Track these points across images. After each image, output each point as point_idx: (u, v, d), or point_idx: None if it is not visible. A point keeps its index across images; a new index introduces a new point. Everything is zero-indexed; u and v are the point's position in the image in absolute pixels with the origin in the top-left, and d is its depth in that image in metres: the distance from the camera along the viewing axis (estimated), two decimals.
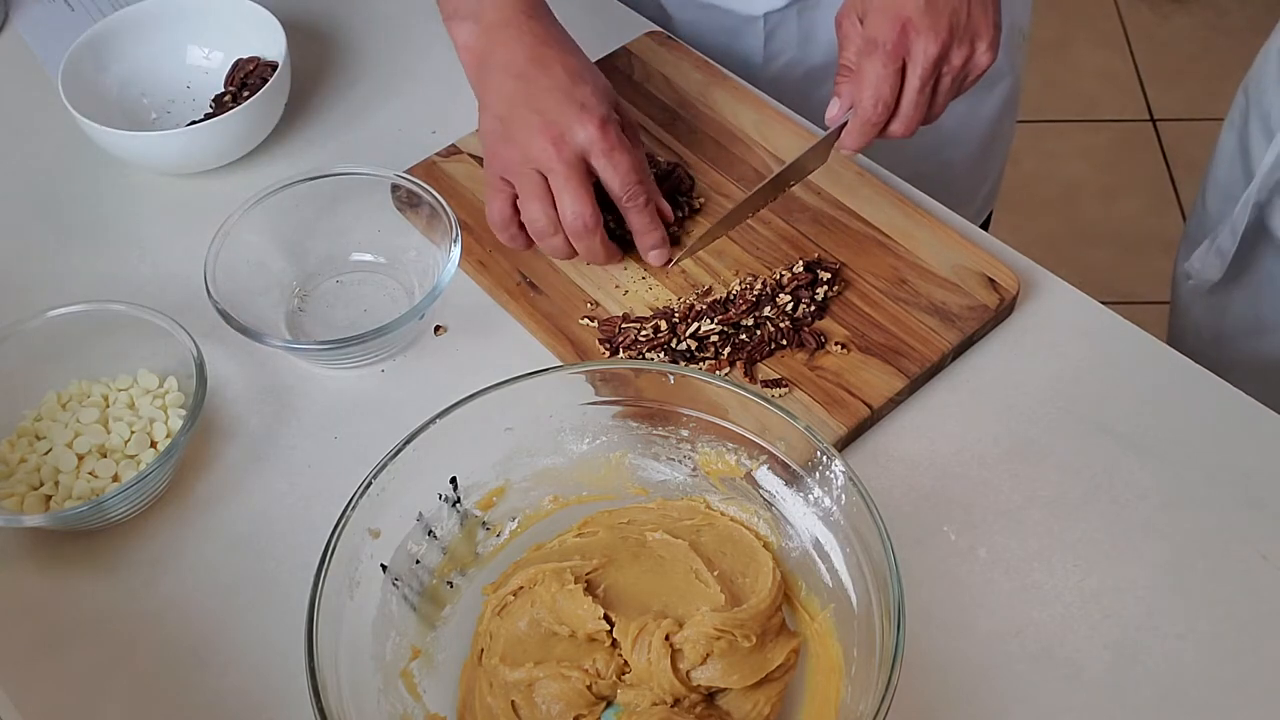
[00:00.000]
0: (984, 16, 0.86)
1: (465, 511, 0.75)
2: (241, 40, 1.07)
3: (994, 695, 0.72)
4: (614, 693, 0.70)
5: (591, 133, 0.86)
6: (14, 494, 0.80)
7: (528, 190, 0.87)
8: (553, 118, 0.86)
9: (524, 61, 0.89)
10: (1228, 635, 0.74)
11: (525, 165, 0.87)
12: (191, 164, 1.02)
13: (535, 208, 0.87)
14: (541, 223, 0.88)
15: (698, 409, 0.74)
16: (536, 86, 0.88)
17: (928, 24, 0.84)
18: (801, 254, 0.91)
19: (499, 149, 0.89)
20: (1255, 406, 0.84)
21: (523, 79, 0.88)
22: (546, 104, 0.87)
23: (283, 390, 0.89)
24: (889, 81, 0.86)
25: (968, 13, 0.85)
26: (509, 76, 0.89)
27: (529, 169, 0.87)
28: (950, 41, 0.85)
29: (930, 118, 0.89)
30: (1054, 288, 0.91)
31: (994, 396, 0.85)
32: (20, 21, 1.18)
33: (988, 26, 0.86)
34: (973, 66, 0.87)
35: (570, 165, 0.86)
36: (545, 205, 0.87)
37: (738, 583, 0.72)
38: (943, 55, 0.85)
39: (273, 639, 0.76)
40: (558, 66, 0.89)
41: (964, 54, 0.86)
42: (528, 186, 0.87)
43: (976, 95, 1.20)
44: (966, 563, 0.77)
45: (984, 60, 0.87)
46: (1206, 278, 1.09)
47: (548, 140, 0.86)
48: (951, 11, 0.85)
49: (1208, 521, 0.78)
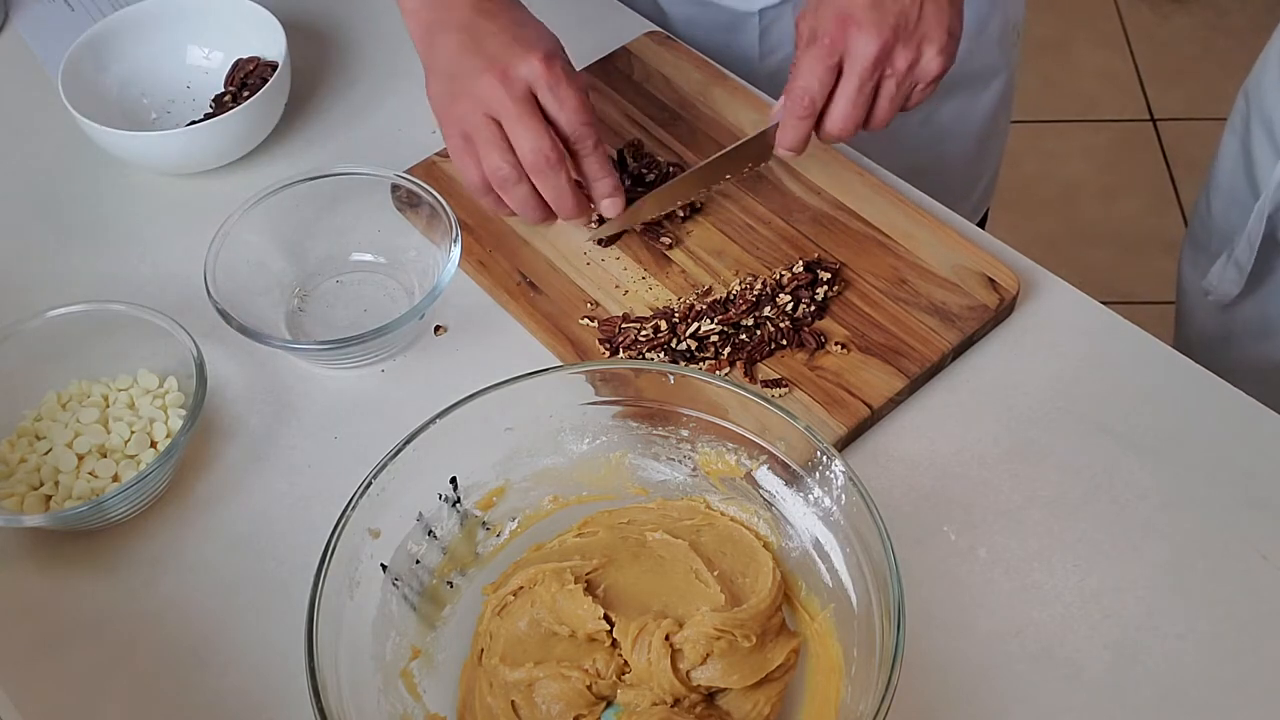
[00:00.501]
0: (937, 21, 0.84)
1: (465, 511, 0.75)
2: (241, 40, 1.07)
3: (994, 695, 0.72)
4: (614, 693, 0.70)
5: (536, 66, 0.84)
6: (14, 494, 0.80)
7: (485, 139, 0.85)
8: (497, 56, 0.84)
9: (470, 14, 0.87)
10: (1228, 635, 0.74)
11: (477, 113, 0.85)
12: (191, 164, 1.02)
13: (495, 156, 0.85)
14: (504, 170, 0.85)
15: (698, 409, 0.74)
16: (481, 33, 0.86)
17: (870, 20, 0.82)
18: (801, 254, 0.91)
19: (450, 107, 0.86)
20: (1255, 406, 0.84)
21: (467, 31, 0.86)
22: (492, 48, 0.85)
23: (283, 390, 0.89)
24: (819, 76, 0.84)
25: (919, 15, 0.83)
26: (454, 32, 0.87)
27: (480, 116, 0.85)
28: (894, 42, 0.83)
29: (875, 123, 0.88)
30: (1054, 288, 0.91)
31: (994, 396, 0.85)
32: (20, 21, 1.18)
33: (940, 32, 0.84)
34: (921, 72, 0.85)
35: (520, 101, 0.84)
36: (504, 151, 0.85)
37: (738, 583, 0.72)
38: (883, 55, 0.83)
39: (273, 639, 0.76)
40: (503, 16, 0.87)
41: (909, 57, 0.84)
42: (484, 135, 0.85)
43: (971, 91, 1.20)
44: (966, 563, 0.77)
45: (933, 66, 0.85)
46: (1226, 292, 1.08)
47: (494, 78, 0.83)
48: (899, 12, 0.83)
49: (1208, 521, 0.78)
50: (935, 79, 0.86)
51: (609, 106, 1.04)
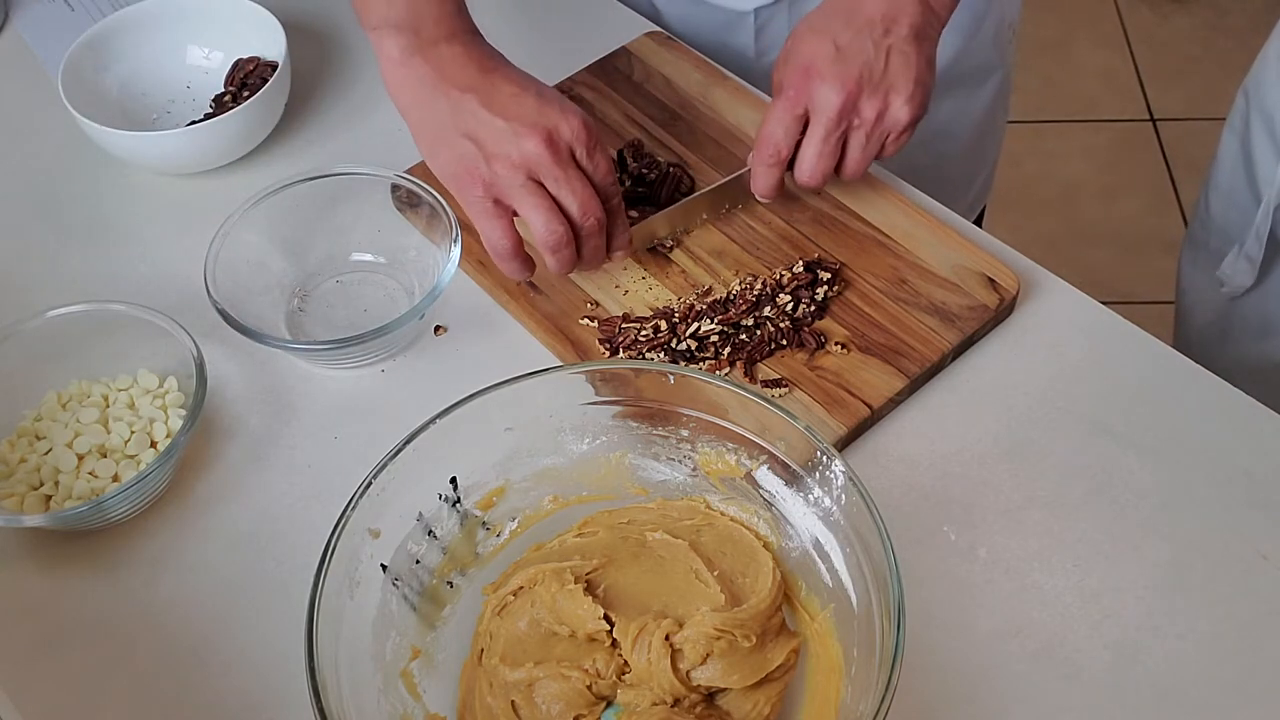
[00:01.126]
0: (904, 71, 0.85)
1: (465, 511, 0.75)
2: (241, 40, 1.07)
3: (994, 695, 0.72)
4: (614, 693, 0.70)
5: (578, 129, 0.82)
6: (14, 494, 0.80)
7: (530, 203, 0.82)
8: (536, 119, 0.81)
9: (475, 74, 0.83)
10: (1228, 635, 0.74)
11: (517, 174, 0.81)
12: (191, 164, 1.02)
13: (547, 218, 0.82)
14: (561, 232, 0.82)
15: (698, 409, 0.74)
16: (501, 95, 0.82)
17: (833, 72, 0.84)
18: (801, 254, 0.91)
19: (477, 168, 0.82)
20: (1255, 406, 0.84)
21: (480, 91, 0.82)
22: (523, 109, 0.81)
23: (283, 390, 0.89)
24: (783, 125, 0.86)
25: (885, 66, 0.84)
26: (462, 91, 0.82)
27: (523, 179, 0.81)
28: (858, 93, 0.84)
29: (847, 172, 0.89)
30: (1054, 288, 0.91)
31: (994, 396, 0.85)
32: (20, 21, 1.18)
33: (906, 82, 0.85)
34: (890, 122, 0.86)
35: (567, 164, 0.82)
36: (555, 213, 0.82)
37: (738, 583, 0.72)
38: (848, 106, 0.84)
39: (273, 639, 0.76)
40: (513, 76, 0.84)
41: (876, 107, 0.85)
42: (529, 199, 0.81)
43: (967, 89, 1.20)
44: (966, 563, 0.77)
45: (902, 115, 0.86)
46: (1239, 283, 1.08)
47: (539, 141, 0.80)
48: (863, 64, 0.84)
49: (1208, 521, 0.78)
50: (906, 128, 0.87)
51: (609, 106, 1.04)
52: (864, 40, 0.84)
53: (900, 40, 0.85)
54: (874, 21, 0.85)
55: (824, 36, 0.85)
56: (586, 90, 1.05)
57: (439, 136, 0.83)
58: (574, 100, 1.03)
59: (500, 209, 0.83)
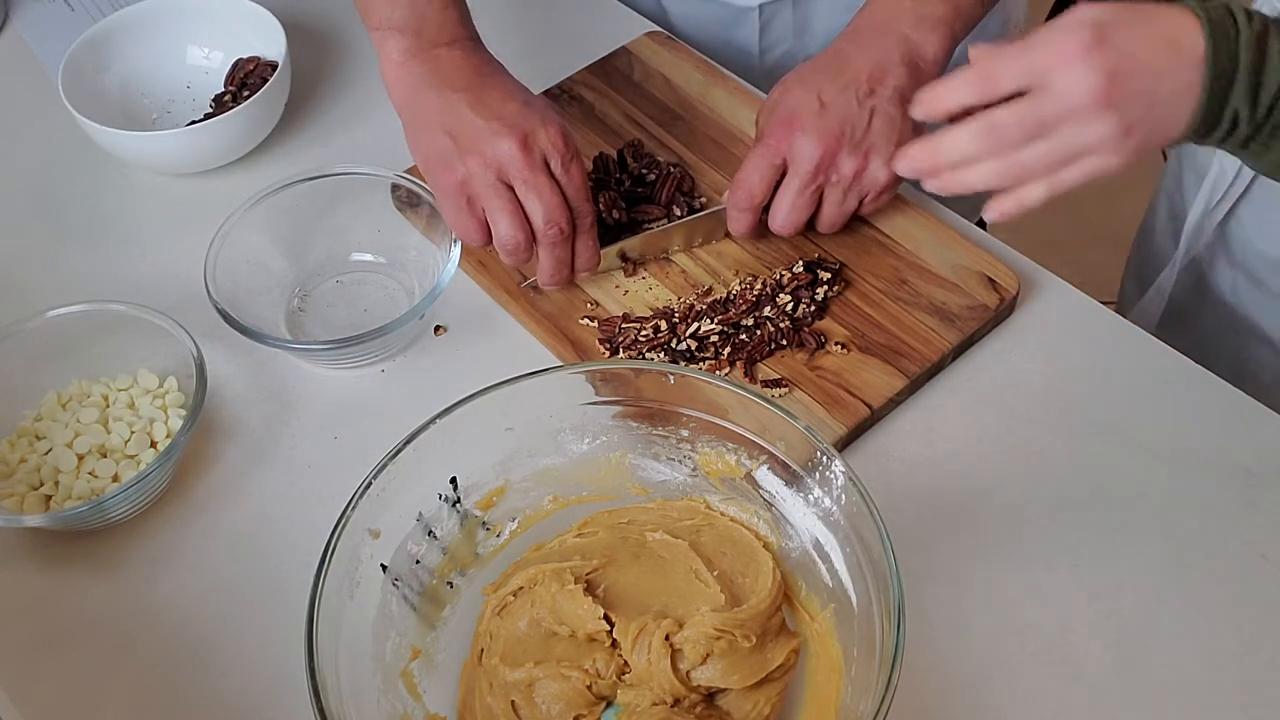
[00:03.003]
0: (887, 133, 0.85)
1: (465, 511, 0.75)
2: (241, 40, 1.07)
3: (994, 695, 0.72)
4: (614, 693, 0.70)
5: (555, 138, 0.83)
6: (14, 494, 0.80)
7: (496, 205, 0.83)
8: (515, 122, 0.83)
9: (470, 77, 0.86)
10: (1228, 635, 0.74)
11: (488, 173, 0.83)
12: (191, 164, 1.02)
13: (508, 224, 0.83)
14: (518, 240, 0.84)
15: (698, 409, 0.74)
16: (489, 97, 0.84)
17: (814, 126, 0.84)
18: (801, 254, 0.91)
19: (453, 164, 0.84)
20: (1255, 406, 0.84)
21: (470, 92, 0.85)
22: (505, 111, 0.83)
23: (283, 390, 0.89)
24: (760, 172, 0.86)
25: (867, 125, 0.84)
26: (453, 91, 0.85)
27: (492, 177, 0.83)
28: (837, 149, 0.84)
29: (821, 225, 0.89)
30: (1054, 288, 0.91)
31: (994, 396, 0.85)
32: (20, 21, 1.18)
33: (888, 144, 0.85)
34: (868, 181, 0.86)
35: (538, 170, 0.83)
36: (518, 219, 0.84)
37: (738, 583, 0.72)
38: (826, 161, 0.85)
39: (273, 639, 0.76)
40: (508, 82, 0.87)
41: (855, 165, 0.85)
42: (496, 200, 0.83)
43: None
44: (966, 563, 0.77)
45: (881, 176, 0.86)
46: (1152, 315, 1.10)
47: (515, 143, 0.82)
48: (846, 120, 0.84)
49: (1208, 521, 0.78)
50: (885, 188, 0.87)
51: (609, 106, 1.04)
52: (849, 97, 0.85)
53: (884, 101, 0.85)
54: (860, 80, 0.85)
55: (810, 89, 0.86)
56: (586, 90, 1.05)
57: (423, 130, 0.86)
58: (574, 100, 1.03)
59: (472, 206, 0.85)
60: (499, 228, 0.84)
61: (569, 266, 0.87)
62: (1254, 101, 0.62)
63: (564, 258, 0.86)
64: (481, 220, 0.85)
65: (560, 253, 0.86)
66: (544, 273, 0.87)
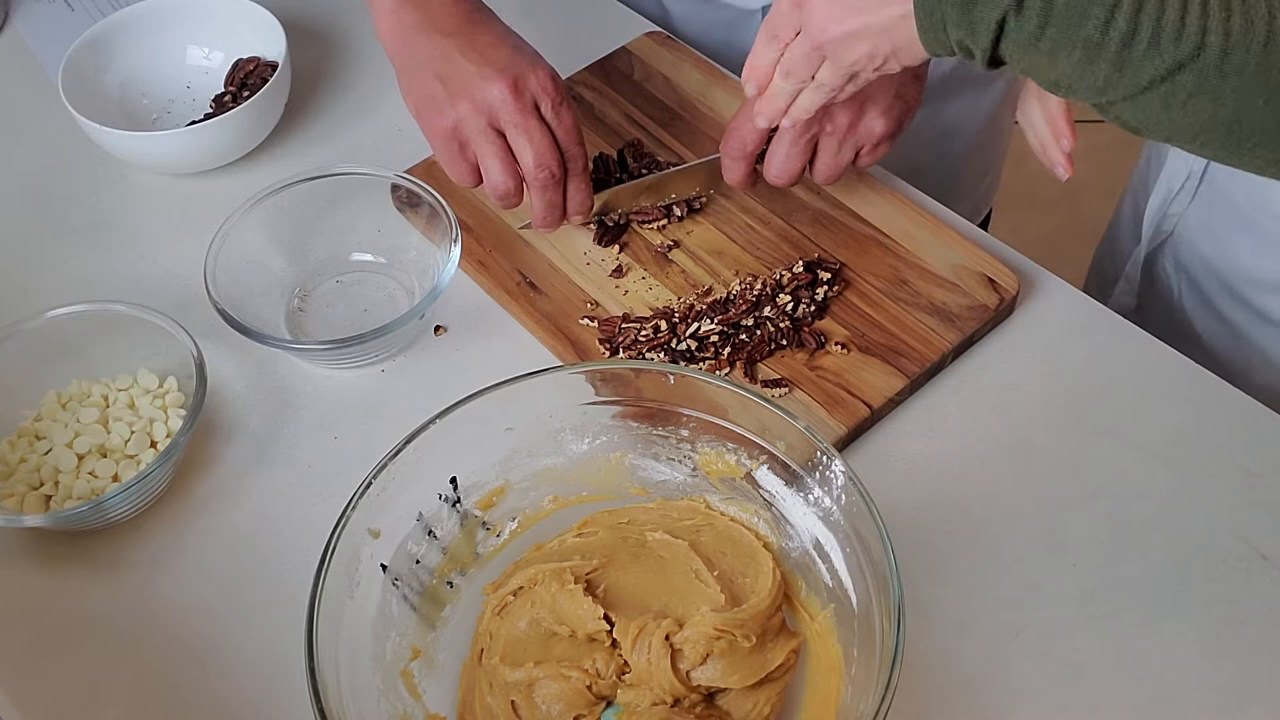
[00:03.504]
0: (885, 83, 0.85)
1: (465, 511, 0.75)
2: (241, 40, 1.07)
3: (994, 695, 0.72)
4: (614, 693, 0.70)
5: (546, 83, 0.85)
6: (14, 494, 0.80)
7: (487, 149, 0.85)
8: (505, 66, 0.84)
9: (460, 22, 0.87)
10: (1228, 635, 0.74)
11: (478, 118, 0.84)
12: (191, 164, 1.02)
13: (498, 169, 0.85)
14: (509, 184, 0.85)
15: (698, 409, 0.74)
16: (480, 42, 0.86)
17: None
18: (801, 254, 0.91)
19: (443, 108, 0.85)
20: (1255, 406, 0.84)
21: (461, 36, 0.86)
22: (495, 56, 0.85)
23: (283, 390, 0.89)
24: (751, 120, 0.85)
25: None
26: (444, 36, 0.86)
27: (483, 122, 0.84)
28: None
29: (817, 175, 0.89)
30: (1054, 288, 0.91)
31: (994, 396, 0.85)
32: (20, 21, 1.18)
33: (885, 95, 0.85)
34: (864, 132, 0.86)
35: (528, 113, 0.84)
36: (508, 164, 0.85)
37: (738, 583, 0.72)
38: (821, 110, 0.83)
39: (273, 639, 0.76)
40: (498, 27, 0.88)
41: (849, 115, 0.85)
42: (486, 145, 0.85)
43: (975, 89, 1.20)
44: (966, 563, 0.77)
45: (877, 127, 0.86)
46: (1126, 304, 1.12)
47: (505, 86, 0.83)
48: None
49: (1208, 521, 0.78)
50: (881, 139, 0.87)
51: (609, 106, 1.04)
52: None
53: None
54: None
55: None
56: (586, 90, 1.05)
57: (415, 76, 0.87)
58: (574, 100, 1.03)
59: (464, 150, 0.86)
60: (490, 172, 0.86)
61: (561, 209, 0.89)
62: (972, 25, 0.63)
63: (555, 200, 0.87)
64: (473, 164, 0.87)
65: (551, 195, 0.87)
66: (536, 215, 0.89)
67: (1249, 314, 0.97)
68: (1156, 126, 0.64)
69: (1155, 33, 0.59)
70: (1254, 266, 0.95)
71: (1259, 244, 0.93)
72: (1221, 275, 0.98)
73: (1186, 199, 0.99)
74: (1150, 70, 0.60)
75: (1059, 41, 0.61)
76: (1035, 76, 0.66)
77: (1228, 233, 0.96)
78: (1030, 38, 0.62)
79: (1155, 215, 1.02)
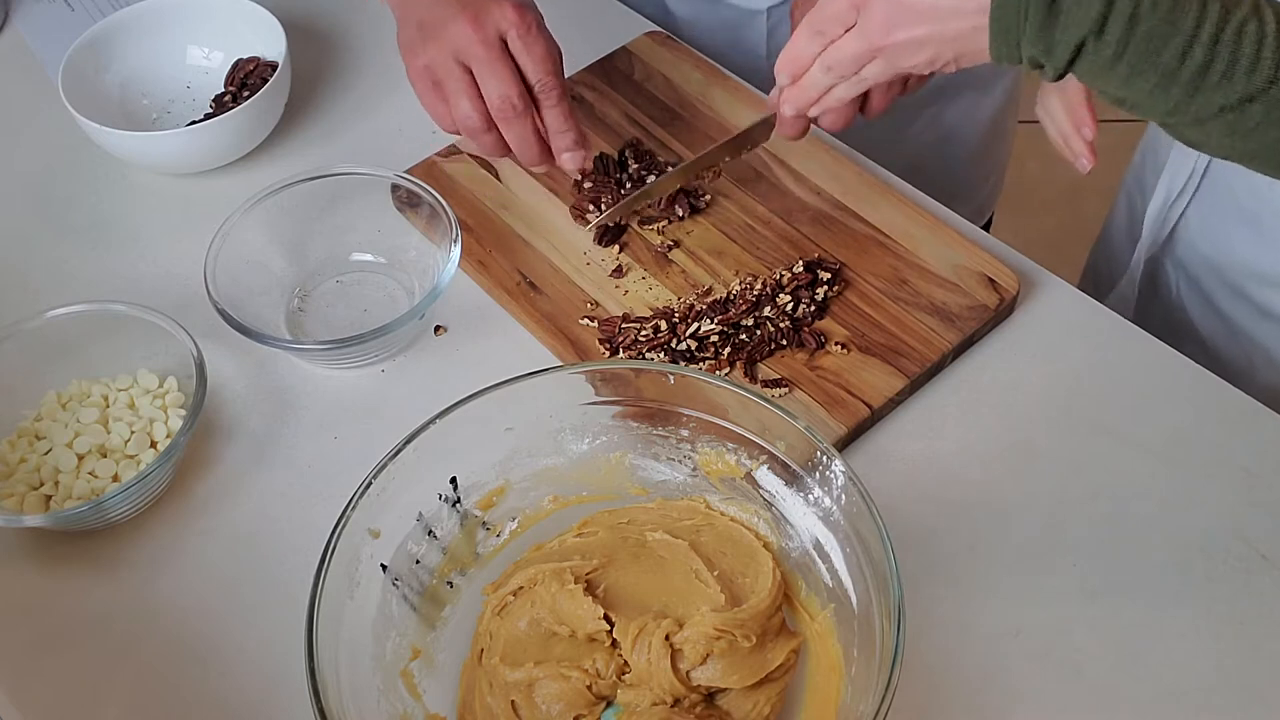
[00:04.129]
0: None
1: (465, 511, 0.75)
2: (241, 40, 1.07)
3: (994, 695, 0.72)
4: (614, 693, 0.70)
5: (509, 13, 0.85)
6: (14, 494, 0.80)
7: (454, 86, 0.85)
8: (470, 3, 0.85)
9: None
10: (1228, 635, 0.74)
11: (446, 57, 0.85)
12: (191, 164, 1.02)
13: (464, 104, 0.85)
14: (474, 119, 0.85)
15: (698, 409, 0.74)
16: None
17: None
18: (801, 254, 0.91)
19: (418, 50, 0.86)
20: (1255, 406, 0.84)
21: None
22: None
23: (283, 390, 0.89)
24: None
25: None
26: None
27: (451, 60, 0.85)
28: None
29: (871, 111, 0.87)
30: (1054, 288, 0.91)
31: (994, 396, 0.85)
32: (20, 21, 1.18)
33: None
34: None
35: (490, 46, 0.84)
36: (474, 99, 0.85)
37: (738, 583, 0.72)
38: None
39: (273, 639, 0.76)
40: None
41: None
42: (453, 81, 0.85)
43: (978, 91, 1.20)
44: (966, 563, 0.77)
45: None
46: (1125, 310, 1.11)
47: (466, 22, 0.84)
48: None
49: (1208, 521, 0.78)
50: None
51: (609, 106, 1.04)
52: None
53: None
54: None
55: None
56: (586, 90, 1.05)
57: (404, 25, 0.89)
58: (574, 100, 1.03)
59: (439, 89, 0.86)
60: (457, 110, 0.86)
61: (539, 144, 0.87)
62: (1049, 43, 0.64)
63: (525, 134, 0.86)
64: (448, 106, 0.87)
65: (519, 129, 0.86)
66: (517, 153, 0.88)
67: (1249, 310, 0.97)
68: (1216, 147, 0.66)
69: (1231, 65, 0.61)
70: (1254, 261, 0.95)
71: (1260, 239, 0.94)
72: (1221, 272, 0.98)
73: (1187, 198, 0.99)
74: (1221, 99, 0.62)
75: (1136, 67, 0.62)
76: (1103, 93, 0.66)
77: (1228, 228, 0.96)
78: (1108, 61, 0.63)
79: (1157, 216, 1.02)
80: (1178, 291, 1.04)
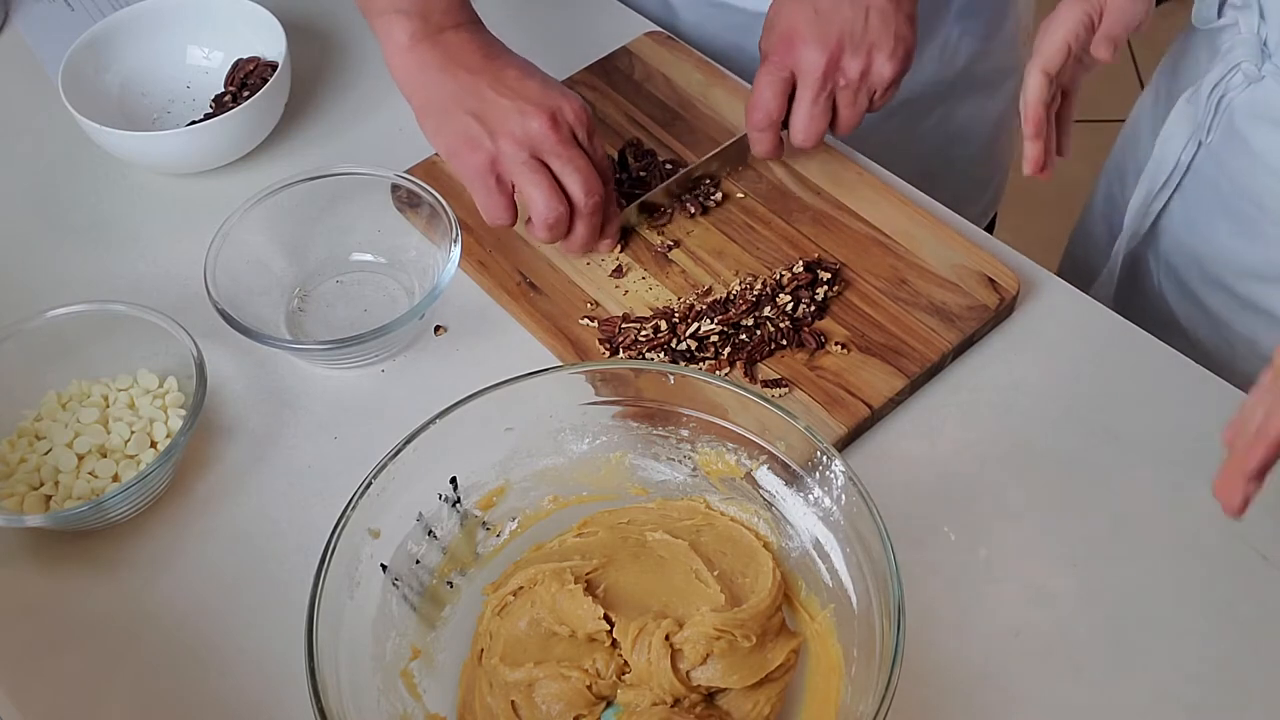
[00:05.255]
0: (884, 28, 0.87)
1: (465, 511, 0.75)
2: (241, 40, 1.07)
3: (994, 695, 0.72)
4: (614, 693, 0.70)
5: (579, 112, 0.86)
6: (14, 494, 0.80)
7: (533, 179, 0.85)
8: (540, 100, 0.85)
9: (481, 59, 0.88)
10: (1228, 635, 0.74)
11: (521, 152, 0.85)
12: (191, 164, 1.02)
13: (549, 198, 0.85)
14: (558, 212, 0.85)
15: (698, 409, 0.74)
16: (506, 77, 0.87)
17: (814, 35, 0.87)
18: (801, 254, 0.91)
19: (481, 144, 0.86)
20: None
21: (486, 73, 0.87)
22: (527, 90, 0.86)
23: (283, 390, 0.89)
24: (771, 89, 0.89)
25: (864, 24, 0.87)
26: (469, 73, 0.87)
27: (525, 155, 0.85)
28: (840, 52, 0.87)
29: (840, 128, 0.91)
30: (1054, 288, 0.91)
31: (994, 396, 0.85)
32: (20, 21, 1.18)
33: (887, 38, 0.87)
34: (875, 78, 0.89)
35: (570, 144, 0.85)
36: (556, 194, 0.85)
37: (738, 583, 0.72)
38: (832, 66, 0.87)
39: (273, 639, 0.76)
40: (517, 61, 0.89)
41: (860, 65, 0.88)
42: (532, 175, 0.85)
43: (986, 93, 1.20)
44: (966, 563, 0.77)
45: (886, 70, 0.88)
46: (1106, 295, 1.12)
47: (544, 121, 0.84)
48: (843, 22, 0.87)
49: (1208, 522, 0.78)
50: (891, 82, 0.90)
51: (609, 106, 1.04)
52: (841, 3, 0.87)
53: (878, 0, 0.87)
54: None
55: (803, 2, 0.88)
56: (587, 90, 1.05)
57: (445, 113, 0.87)
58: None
59: (501, 185, 0.87)
60: (538, 203, 0.85)
61: (599, 233, 0.90)
62: None
63: (597, 226, 0.89)
64: (510, 199, 0.87)
65: (595, 221, 0.88)
66: (576, 241, 0.89)
67: (1232, 302, 0.97)
68: None
69: None
70: (1238, 255, 0.95)
71: (1241, 230, 0.94)
72: (1204, 264, 0.98)
73: (1169, 192, 0.99)
74: None
75: None
76: None
77: (1211, 222, 0.96)
78: None
79: (1139, 210, 1.02)
80: (1159, 283, 1.04)
